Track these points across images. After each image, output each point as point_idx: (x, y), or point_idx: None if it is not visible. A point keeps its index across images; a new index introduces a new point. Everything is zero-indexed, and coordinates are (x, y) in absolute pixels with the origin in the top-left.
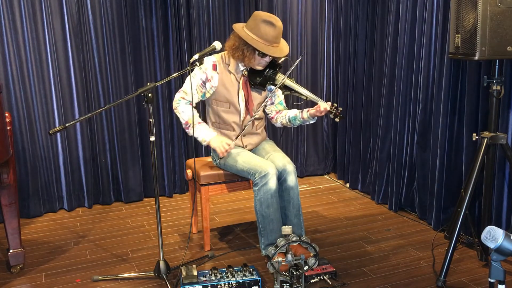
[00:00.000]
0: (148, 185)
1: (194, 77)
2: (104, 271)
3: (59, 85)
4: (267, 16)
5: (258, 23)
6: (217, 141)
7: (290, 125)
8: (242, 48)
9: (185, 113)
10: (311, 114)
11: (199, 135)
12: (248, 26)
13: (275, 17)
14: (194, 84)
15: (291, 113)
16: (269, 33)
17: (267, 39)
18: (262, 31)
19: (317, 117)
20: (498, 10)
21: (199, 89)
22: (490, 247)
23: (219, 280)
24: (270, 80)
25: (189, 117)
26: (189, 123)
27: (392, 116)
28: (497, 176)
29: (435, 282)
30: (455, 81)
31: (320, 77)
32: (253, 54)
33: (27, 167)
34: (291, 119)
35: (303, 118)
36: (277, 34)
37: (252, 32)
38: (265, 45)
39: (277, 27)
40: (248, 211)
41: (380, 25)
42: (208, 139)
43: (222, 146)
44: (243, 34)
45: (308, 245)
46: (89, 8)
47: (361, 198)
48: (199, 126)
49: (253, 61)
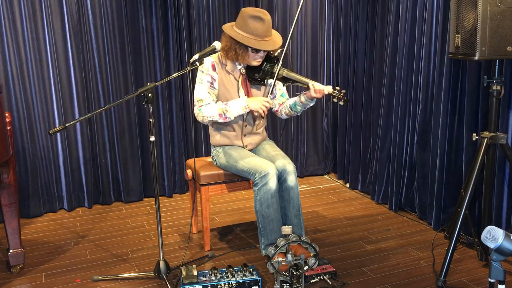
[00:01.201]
0: (148, 185)
1: (202, 83)
2: (104, 271)
3: (59, 85)
4: (254, 11)
5: (246, 19)
6: (256, 103)
7: (293, 113)
8: (234, 47)
9: (211, 111)
10: (308, 96)
11: (239, 110)
12: (237, 24)
13: (262, 10)
14: (205, 88)
15: (290, 101)
16: (259, 28)
17: (258, 34)
18: (252, 27)
19: (315, 99)
20: (498, 10)
21: (211, 91)
22: (490, 247)
23: (219, 280)
24: (269, 74)
25: (217, 109)
26: (222, 113)
27: (392, 116)
28: (497, 176)
29: (435, 282)
30: (455, 81)
31: (320, 77)
32: (246, 51)
33: (27, 167)
34: (292, 107)
35: (302, 102)
36: (267, 27)
37: (242, 30)
38: (257, 41)
39: (266, 20)
40: (248, 211)
41: (380, 25)
42: (246, 104)
43: (264, 106)
44: (233, 33)
45: (308, 245)
46: (89, 8)
47: (361, 198)
48: (229, 107)
49: (248, 58)
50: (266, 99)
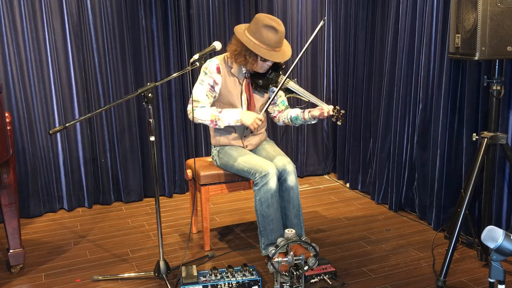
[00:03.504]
0: (148, 185)
1: (202, 84)
2: (104, 271)
3: (59, 85)
4: (269, 20)
5: (260, 27)
6: (249, 119)
7: (291, 124)
8: (244, 53)
9: (203, 115)
10: (312, 116)
11: (230, 121)
12: (249, 30)
13: (277, 20)
14: (204, 90)
15: (292, 113)
16: (272, 39)
17: (270, 44)
18: (265, 37)
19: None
20: (498, 10)
21: (209, 94)
22: (490, 247)
23: (219, 280)
24: (273, 82)
25: (210, 115)
26: (214, 119)
27: (392, 116)
28: (497, 176)
29: (435, 282)
30: (455, 81)
31: (320, 77)
32: (256, 59)
33: (27, 167)
34: (293, 119)
35: (304, 119)
36: (279, 38)
37: (254, 37)
38: (268, 51)
39: (279, 31)
40: (248, 211)
41: (380, 25)
42: (239, 118)
43: (256, 123)
44: (245, 40)
45: (308, 245)
46: (89, 8)
47: (361, 198)
48: (222, 116)
49: (256, 66)
50: (259, 117)
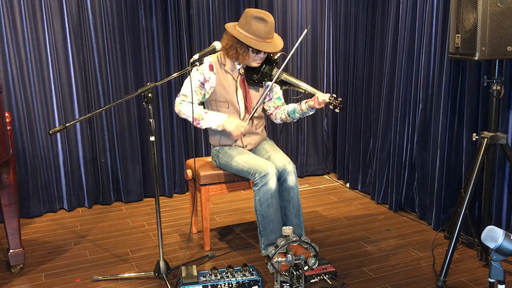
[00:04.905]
0: (148, 185)
1: (192, 79)
2: (104, 271)
3: (59, 85)
4: (257, 12)
5: (249, 20)
6: (232, 125)
7: (289, 119)
8: (235, 46)
9: (188, 111)
10: (309, 106)
11: (212, 124)
12: (239, 24)
13: (266, 12)
14: (193, 86)
15: (289, 107)
16: (261, 29)
17: (260, 35)
18: (254, 28)
19: (316, 108)
20: (498, 10)
21: (198, 91)
22: (490, 247)
23: (219, 280)
24: (267, 76)
25: (196, 113)
26: (197, 118)
27: (392, 116)
28: (497, 176)
29: (435, 282)
30: (455, 81)
31: (320, 77)
32: (247, 51)
33: (27, 167)
34: (290, 113)
35: (302, 110)
36: (269, 29)
37: (244, 30)
38: (258, 42)
39: (269, 22)
40: (248, 211)
41: (380, 25)
42: (222, 123)
43: (238, 130)
44: (235, 33)
45: (308, 245)
46: (89, 8)
47: (361, 198)
48: (207, 116)
49: (248, 59)
50: (243, 125)
